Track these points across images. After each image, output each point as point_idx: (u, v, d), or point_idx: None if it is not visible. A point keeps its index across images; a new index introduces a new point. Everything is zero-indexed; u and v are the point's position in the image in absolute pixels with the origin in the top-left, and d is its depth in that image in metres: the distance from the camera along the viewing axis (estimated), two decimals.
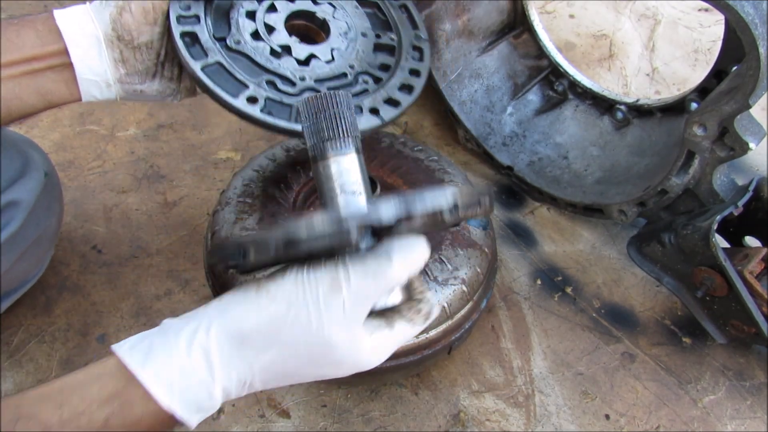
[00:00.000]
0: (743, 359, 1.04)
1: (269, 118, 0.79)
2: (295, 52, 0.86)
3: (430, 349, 0.90)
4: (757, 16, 0.80)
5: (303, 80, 0.84)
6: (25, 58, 0.73)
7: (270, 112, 0.80)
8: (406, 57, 0.93)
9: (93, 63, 0.76)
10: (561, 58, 1.28)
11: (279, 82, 0.83)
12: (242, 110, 0.79)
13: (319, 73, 0.85)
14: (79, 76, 0.76)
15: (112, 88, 0.80)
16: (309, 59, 0.86)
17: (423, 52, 0.95)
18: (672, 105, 1.11)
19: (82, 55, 0.75)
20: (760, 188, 0.96)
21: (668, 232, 0.98)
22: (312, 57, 0.86)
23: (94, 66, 0.76)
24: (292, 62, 0.85)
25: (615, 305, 1.11)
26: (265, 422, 0.93)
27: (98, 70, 0.77)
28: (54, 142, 1.32)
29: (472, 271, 0.92)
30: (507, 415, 0.96)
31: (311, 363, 0.58)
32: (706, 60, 1.59)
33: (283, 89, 0.82)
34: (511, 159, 1.29)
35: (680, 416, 0.97)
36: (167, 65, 0.83)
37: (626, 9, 1.72)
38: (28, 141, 0.97)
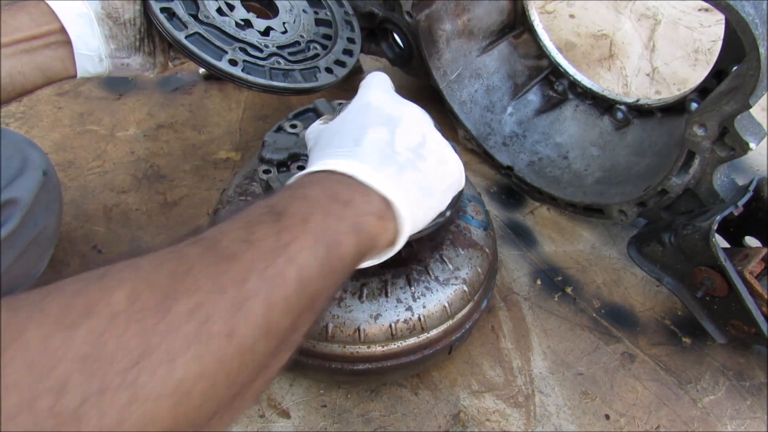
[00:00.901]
0: (743, 359, 1.04)
1: (250, 77, 0.93)
2: (255, 25, 1.00)
3: (431, 349, 0.90)
4: (758, 16, 0.80)
5: (267, 48, 0.99)
6: (24, 38, 0.80)
7: (249, 73, 0.94)
8: (343, 28, 1.11)
9: (88, 39, 0.84)
10: (561, 58, 1.28)
11: (249, 49, 0.97)
12: (226, 70, 0.92)
13: (278, 42, 1.01)
14: (77, 52, 0.84)
15: (104, 62, 0.88)
16: (268, 30, 1.01)
17: (353, 25, 1.14)
18: (672, 105, 1.11)
19: (79, 32, 0.83)
20: (761, 188, 0.96)
21: (668, 232, 0.98)
22: (270, 29, 1.01)
23: (90, 42, 0.85)
24: (255, 33, 1.00)
25: (615, 305, 1.11)
26: (265, 422, 0.93)
27: (93, 45, 0.85)
28: (54, 142, 1.31)
29: (473, 271, 0.92)
30: (507, 415, 0.96)
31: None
32: (706, 60, 1.59)
33: (254, 54, 0.97)
34: (511, 159, 1.29)
35: (680, 416, 0.97)
36: (146, 41, 0.93)
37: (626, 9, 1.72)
38: (26, 140, 0.97)
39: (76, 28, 0.83)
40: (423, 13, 1.21)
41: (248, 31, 0.99)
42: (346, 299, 0.86)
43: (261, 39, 0.99)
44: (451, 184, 0.70)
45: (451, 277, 0.90)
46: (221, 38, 0.95)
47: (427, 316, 0.87)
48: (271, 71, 0.96)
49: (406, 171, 0.62)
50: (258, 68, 0.95)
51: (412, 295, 0.87)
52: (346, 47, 1.09)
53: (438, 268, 0.90)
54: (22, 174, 0.92)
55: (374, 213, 0.56)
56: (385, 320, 0.86)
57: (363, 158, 0.61)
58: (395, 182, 0.60)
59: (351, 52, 1.09)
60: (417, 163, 0.64)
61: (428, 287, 0.88)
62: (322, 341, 0.86)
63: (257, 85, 0.94)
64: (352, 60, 1.08)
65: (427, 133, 0.68)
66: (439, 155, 0.68)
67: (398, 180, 0.61)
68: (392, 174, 0.61)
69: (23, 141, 0.96)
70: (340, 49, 1.08)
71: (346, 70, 1.06)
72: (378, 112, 0.67)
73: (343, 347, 0.87)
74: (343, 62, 1.07)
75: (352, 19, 1.15)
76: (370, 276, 0.88)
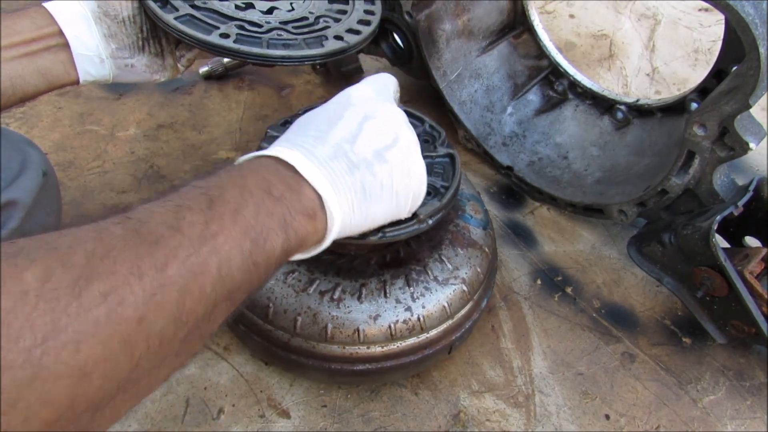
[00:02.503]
0: (743, 359, 1.04)
1: (243, 46, 0.84)
2: (258, 6, 0.93)
3: (431, 349, 0.90)
4: (758, 16, 0.80)
5: (268, 24, 0.90)
6: (24, 41, 0.79)
7: (242, 44, 0.85)
8: (360, 2, 1.00)
9: (86, 38, 0.83)
10: (561, 58, 1.28)
11: (247, 25, 0.89)
12: (216, 43, 0.84)
13: (283, 18, 0.92)
14: (75, 52, 0.83)
15: (105, 64, 0.87)
16: (271, 10, 0.94)
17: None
18: (672, 105, 1.11)
19: (75, 32, 0.82)
20: (761, 188, 0.96)
21: (668, 232, 0.98)
22: (274, 9, 0.94)
23: (87, 41, 0.83)
24: (257, 13, 0.93)
25: (615, 305, 1.11)
26: (265, 422, 0.93)
27: (91, 45, 0.83)
28: (54, 142, 1.31)
29: (472, 270, 0.92)
30: (507, 415, 0.96)
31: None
32: (706, 60, 1.59)
33: (251, 29, 0.89)
34: (511, 159, 1.29)
35: (680, 416, 0.97)
36: (151, 41, 0.91)
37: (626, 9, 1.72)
38: (25, 140, 0.97)
39: (72, 28, 0.82)
40: (423, 13, 1.21)
41: (249, 11, 0.92)
42: (345, 300, 0.86)
43: (263, 17, 0.92)
44: (410, 195, 0.69)
45: (450, 276, 0.90)
46: (217, 19, 0.89)
47: (426, 316, 0.87)
48: (269, 42, 0.87)
49: (356, 171, 0.62)
50: (253, 39, 0.87)
51: (412, 296, 0.87)
52: (362, 18, 0.97)
53: (437, 268, 0.90)
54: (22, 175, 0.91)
55: (305, 212, 0.57)
56: (384, 321, 0.86)
57: (315, 151, 0.61)
58: (336, 181, 0.60)
59: (368, 22, 0.97)
60: (374, 165, 0.64)
61: (427, 287, 0.88)
62: (322, 342, 0.86)
63: (251, 55, 0.85)
64: (369, 29, 0.96)
65: (399, 138, 0.67)
66: (404, 164, 0.67)
67: (342, 179, 0.61)
68: (338, 172, 0.61)
69: (23, 141, 0.96)
70: (355, 19, 0.97)
71: (359, 37, 0.93)
72: (356, 107, 0.66)
73: (343, 348, 0.87)
74: (357, 31, 0.94)
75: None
76: (369, 276, 0.88)
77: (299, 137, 0.63)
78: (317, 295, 0.86)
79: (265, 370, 0.99)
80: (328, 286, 0.87)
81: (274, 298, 0.87)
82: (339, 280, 0.87)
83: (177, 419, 0.93)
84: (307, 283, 0.87)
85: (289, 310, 0.86)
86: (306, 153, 0.60)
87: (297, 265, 0.89)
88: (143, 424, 0.92)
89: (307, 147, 0.61)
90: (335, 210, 0.59)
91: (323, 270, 0.88)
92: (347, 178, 0.61)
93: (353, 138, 0.63)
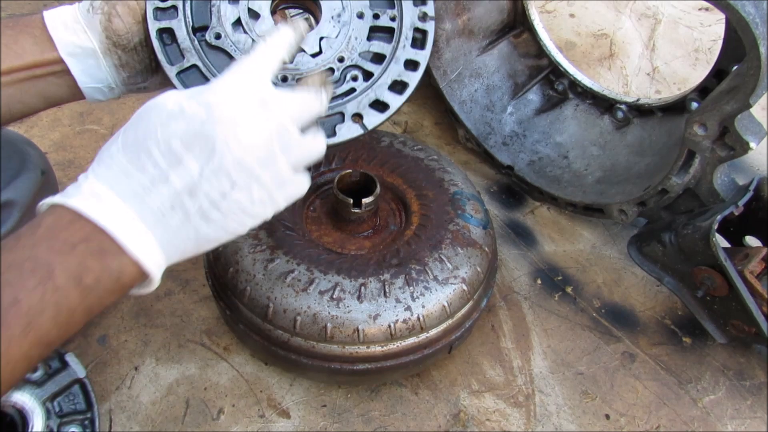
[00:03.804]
0: (743, 359, 1.03)
1: None
2: None
3: (430, 349, 0.90)
4: (758, 15, 0.80)
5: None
6: (26, 66, 0.71)
7: None
8: (404, 44, 0.80)
9: (93, 72, 0.74)
10: (561, 57, 1.28)
11: None
12: None
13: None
14: (82, 86, 0.75)
15: (116, 90, 0.79)
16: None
17: (426, 37, 0.81)
18: (672, 104, 1.11)
19: (82, 67, 0.73)
20: (761, 188, 0.96)
21: (668, 232, 0.98)
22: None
23: (95, 74, 0.75)
24: None
25: (615, 305, 1.11)
26: (265, 422, 0.93)
27: (100, 77, 0.75)
28: (54, 141, 1.31)
29: (472, 270, 0.92)
30: (507, 415, 0.96)
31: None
32: (706, 59, 1.59)
33: None
34: (511, 158, 1.29)
35: (680, 416, 0.97)
36: None
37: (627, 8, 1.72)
38: (24, 140, 0.97)
39: (77, 64, 0.73)
40: None
41: None
42: (344, 299, 0.86)
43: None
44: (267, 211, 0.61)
45: (450, 276, 0.90)
46: (226, 67, 0.77)
47: (426, 315, 0.87)
48: None
49: (190, 222, 0.56)
50: None
51: (411, 295, 0.87)
52: (398, 77, 0.78)
53: (437, 268, 0.90)
54: (21, 174, 0.91)
55: (117, 280, 0.55)
56: (384, 320, 0.86)
57: (149, 201, 0.55)
58: (167, 238, 0.56)
59: (404, 86, 0.79)
60: (211, 214, 0.57)
61: (427, 287, 0.88)
62: (322, 342, 0.86)
63: None
64: (401, 98, 0.78)
65: (258, 175, 0.57)
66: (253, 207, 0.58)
67: (173, 235, 0.56)
68: (170, 227, 0.56)
69: (21, 141, 0.96)
70: (388, 82, 0.78)
71: (382, 117, 0.77)
72: (207, 136, 0.55)
73: (343, 347, 0.86)
74: (384, 104, 0.78)
75: (428, 26, 0.81)
76: (369, 276, 0.88)
77: (134, 176, 0.55)
78: (317, 294, 0.86)
79: (265, 370, 0.99)
80: (327, 285, 0.87)
81: (273, 298, 0.87)
82: (339, 280, 0.87)
83: (177, 420, 0.93)
84: (307, 283, 0.87)
85: (289, 310, 0.86)
86: (138, 208, 0.55)
87: (297, 264, 0.88)
88: (144, 425, 0.92)
89: (141, 197, 0.55)
90: (156, 272, 0.57)
91: (323, 269, 0.88)
92: (180, 232, 0.57)
93: (197, 182, 0.55)
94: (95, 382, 0.96)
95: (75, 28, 0.72)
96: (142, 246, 0.55)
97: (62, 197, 0.55)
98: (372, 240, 0.98)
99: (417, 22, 0.81)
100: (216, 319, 1.05)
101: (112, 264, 0.54)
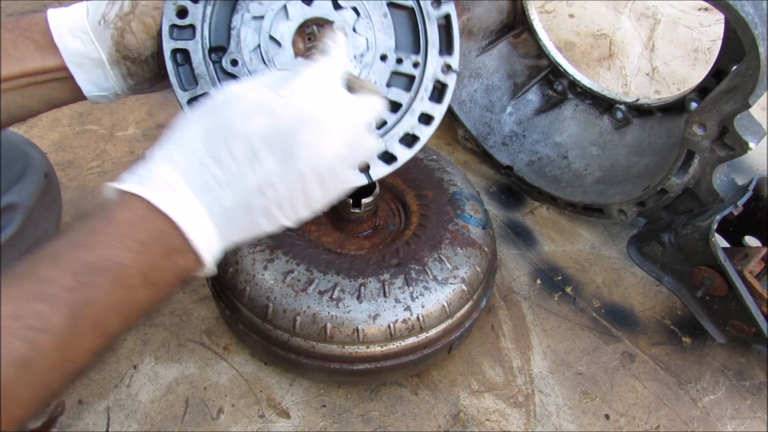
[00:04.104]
0: (743, 359, 1.03)
1: None
2: None
3: (430, 349, 0.90)
4: (757, 15, 0.80)
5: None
6: (27, 72, 0.68)
7: None
8: (423, 95, 0.77)
9: (99, 81, 0.72)
10: (561, 57, 1.28)
11: None
12: None
13: None
14: (87, 94, 0.73)
15: (121, 95, 0.77)
16: None
17: (445, 90, 0.78)
18: (672, 104, 1.11)
19: (87, 76, 0.71)
20: (760, 188, 0.96)
21: (668, 232, 0.98)
22: None
23: (101, 83, 0.72)
24: None
25: (615, 305, 1.11)
26: (265, 422, 0.93)
27: (106, 86, 0.73)
28: (53, 141, 1.31)
29: (471, 270, 0.92)
30: (507, 415, 0.96)
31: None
32: (705, 59, 1.59)
33: None
34: (511, 158, 1.29)
35: (680, 416, 0.97)
36: None
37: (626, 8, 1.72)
38: (27, 141, 0.97)
39: (83, 74, 0.70)
40: None
41: None
42: (344, 299, 0.86)
43: None
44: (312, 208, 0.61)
45: (449, 276, 0.90)
46: None
47: (426, 315, 0.87)
48: None
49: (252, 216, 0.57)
50: None
51: (411, 295, 0.87)
52: (410, 130, 0.76)
53: (436, 268, 0.90)
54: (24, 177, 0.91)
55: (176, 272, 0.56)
56: (383, 320, 0.86)
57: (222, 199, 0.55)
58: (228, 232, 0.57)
59: (413, 140, 0.76)
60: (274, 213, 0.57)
61: (427, 287, 0.88)
62: (321, 342, 0.86)
63: None
64: (410, 153, 0.75)
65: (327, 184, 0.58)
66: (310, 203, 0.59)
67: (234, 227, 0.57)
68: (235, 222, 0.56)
69: (24, 143, 0.96)
70: (401, 133, 0.76)
71: (389, 168, 0.75)
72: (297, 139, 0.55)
73: (342, 347, 0.86)
74: (392, 156, 0.76)
75: (449, 79, 0.78)
76: (368, 276, 0.88)
77: (211, 168, 0.55)
78: (316, 294, 0.86)
79: (264, 370, 0.99)
80: (327, 285, 0.87)
81: (273, 298, 0.87)
82: (338, 280, 0.87)
83: (177, 419, 0.93)
84: (307, 283, 0.87)
85: (289, 310, 0.86)
86: (209, 203, 0.55)
87: (296, 264, 0.88)
88: (143, 425, 0.92)
89: (214, 192, 0.55)
90: (212, 265, 0.58)
91: (322, 269, 0.88)
92: (241, 227, 0.58)
93: (271, 181, 0.56)
94: (93, 381, 0.96)
95: (82, 38, 0.69)
96: (208, 243, 0.56)
97: (137, 185, 0.54)
98: (371, 240, 0.98)
99: (439, 74, 0.78)
100: (215, 319, 1.05)
101: (179, 261, 0.55)
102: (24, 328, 0.48)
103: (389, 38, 0.76)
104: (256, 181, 0.55)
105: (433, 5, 0.77)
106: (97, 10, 0.68)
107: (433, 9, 0.77)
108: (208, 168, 0.55)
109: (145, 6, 0.69)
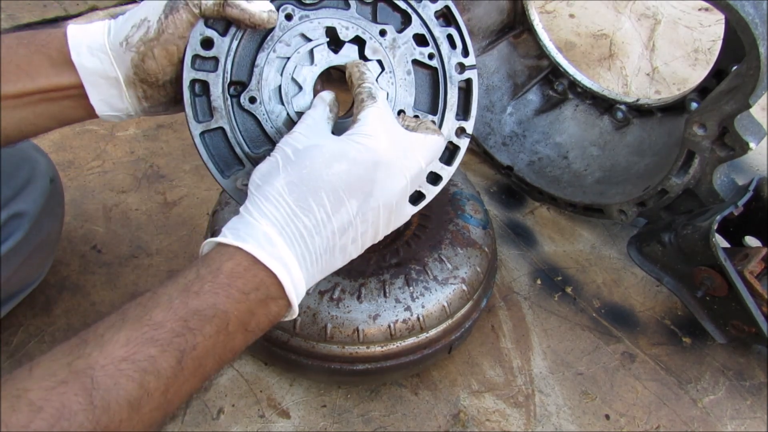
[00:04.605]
0: (743, 359, 1.03)
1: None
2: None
3: (430, 349, 0.90)
4: (758, 15, 0.80)
5: None
6: (40, 89, 0.68)
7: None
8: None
9: (113, 101, 0.71)
10: (561, 57, 1.28)
11: None
12: (229, 193, 0.75)
13: None
14: (99, 113, 0.72)
15: (133, 116, 0.76)
16: None
17: (456, 153, 0.78)
18: (672, 105, 1.11)
19: (102, 97, 0.70)
20: (760, 188, 0.96)
21: (668, 232, 0.98)
22: None
23: (115, 103, 0.71)
24: None
25: (615, 305, 1.11)
26: (265, 422, 0.93)
27: (119, 106, 0.72)
28: (53, 142, 1.31)
29: (471, 270, 0.92)
30: (507, 415, 0.96)
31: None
32: (706, 60, 1.59)
33: None
34: (511, 159, 1.29)
35: (680, 416, 0.97)
36: None
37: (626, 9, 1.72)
38: (33, 145, 0.97)
39: (99, 94, 0.69)
40: None
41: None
42: (344, 299, 0.86)
43: None
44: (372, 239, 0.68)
45: (450, 276, 0.90)
46: (253, 135, 0.73)
47: (426, 315, 0.87)
48: None
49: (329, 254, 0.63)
50: None
51: (411, 295, 0.87)
52: (417, 188, 0.75)
53: (437, 268, 0.90)
54: (30, 184, 0.91)
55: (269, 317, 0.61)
56: (383, 320, 0.86)
57: (311, 246, 0.61)
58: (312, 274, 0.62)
59: (419, 198, 0.76)
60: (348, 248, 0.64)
61: (427, 287, 0.88)
62: (321, 342, 0.86)
63: None
64: (413, 209, 0.73)
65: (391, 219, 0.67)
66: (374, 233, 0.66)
67: (315, 268, 0.62)
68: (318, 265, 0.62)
69: (30, 147, 0.95)
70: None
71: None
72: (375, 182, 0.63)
73: (342, 348, 0.87)
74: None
75: (462, 142, 0.79)
76: (369, 276, 0.88)
77: (301, 219, 0.60)
78: (317, 294, 0.86)
79: (264, 370, 0.99)
80: (327, 285, 0.87)
81: None
82: (338, 280, 0.87)
83: (177, 419, 0.93)
84: None
85: None
86: (300, 251, 0.60)
87: None
88: None
89: (305, 239, 0.60)
90: (297, 308, 0.62)
91: None
92: (323, 268, 0.63)
93: (352, 222, 0.62)
94: None
95: (101, 57, 0.68)
96: (298, 290, 0.61)
97: (240, 241, 0.58)
98: None
99: (453, 136, 0.79)
100: None
101: (272, 308, 0.60)
102: (137, 370, 0.51)
103: (409, 95, 0.77)
104: (339, 222, 0.61)
105: (457, 69, 0.79)
106: (120, 32, 0.67)
107: (456, 73, 0.79)
108: (299, 218, 0.60)
109: (171, 35, 0.67)
